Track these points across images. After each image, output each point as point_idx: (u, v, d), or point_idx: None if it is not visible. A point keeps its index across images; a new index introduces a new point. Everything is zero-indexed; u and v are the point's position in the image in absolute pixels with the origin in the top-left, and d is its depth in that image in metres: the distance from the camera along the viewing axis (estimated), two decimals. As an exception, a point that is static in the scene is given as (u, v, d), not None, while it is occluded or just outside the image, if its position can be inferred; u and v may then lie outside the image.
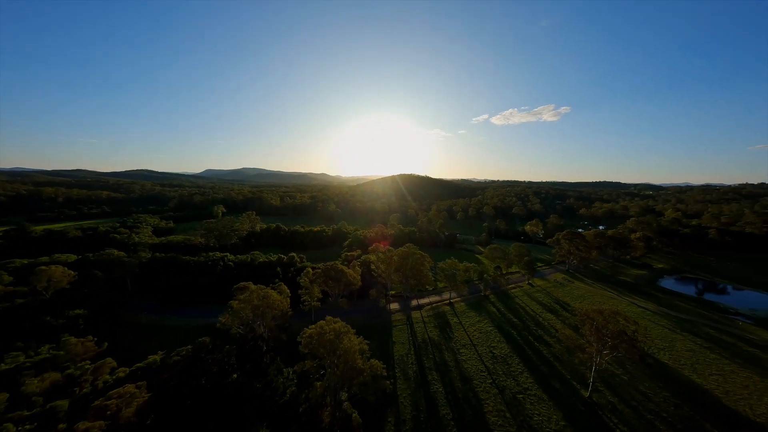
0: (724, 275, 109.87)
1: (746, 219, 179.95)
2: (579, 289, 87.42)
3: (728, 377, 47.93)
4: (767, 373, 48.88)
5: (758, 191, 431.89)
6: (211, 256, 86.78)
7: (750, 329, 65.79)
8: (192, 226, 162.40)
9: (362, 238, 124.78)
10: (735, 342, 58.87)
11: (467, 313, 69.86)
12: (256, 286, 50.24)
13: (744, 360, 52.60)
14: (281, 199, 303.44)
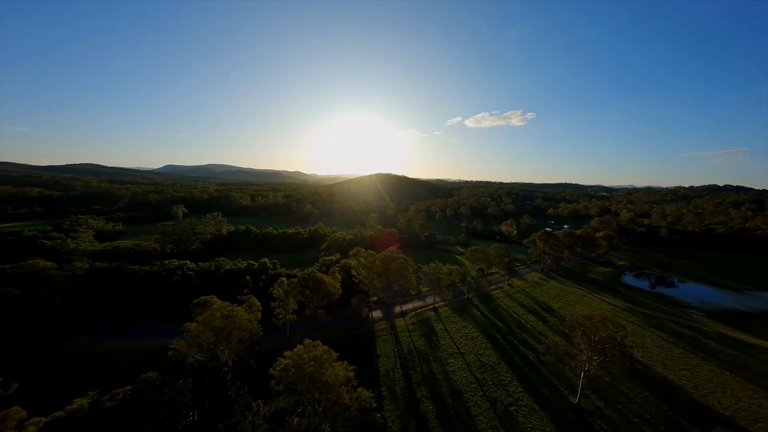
0: (674, 270, 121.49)
1: (686, 218, 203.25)
2: (555, 288, 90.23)
3: (694, 371, 50.73)
4: (724, 365, 52.65)
5: (690, 193, 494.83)
6: (167, 265, 75.72)
7: (703, 321, 71.82)
8: (146, 230, 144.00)
9: (341, 240, 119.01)
10: (695, 335, 63.37)
11: (452, 318, 67.96)
12: (221, 303, 43.08)
13: (704, 353, 56.42)
14: (252, 199, 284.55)
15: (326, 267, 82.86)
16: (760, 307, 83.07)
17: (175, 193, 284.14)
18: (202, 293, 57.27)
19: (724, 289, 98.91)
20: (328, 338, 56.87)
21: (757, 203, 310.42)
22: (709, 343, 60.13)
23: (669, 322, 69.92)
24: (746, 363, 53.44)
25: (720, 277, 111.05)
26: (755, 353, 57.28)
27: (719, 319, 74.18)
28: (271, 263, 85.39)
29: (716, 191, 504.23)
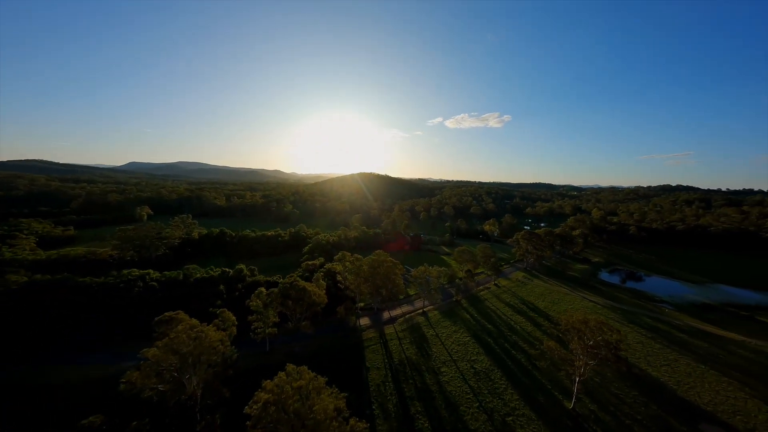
0: (642, 265, 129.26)
1: (650, 216, 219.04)
2: (539, 287, 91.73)
3: (674, 366, 52.47)
4: (699, 358, 55.11)
5: (649, 192, 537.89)
6: (125, 275, 67.01)
7: (674, 315, 75.82)
8: (103, 234, 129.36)
9: (325, 242, 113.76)
10: (669, 330, 66.35)
11: (442, 322, 66.08)
12: (188, 321, 37.46)
13: (680, 347, 58.91)
14: (227, 199, 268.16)
15: (309, 272, 77.91)
16: (719, 299, 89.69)
17: (139, 193, 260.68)
18: (167, 307, 50.67)
19: (687, 282, 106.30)
20: (312, 351, 52.74)
21: (705, 201, 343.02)
22: (683, 337, 63.10)
23: (645, 317, 72.95)
24: (717, 355, 56.35)
25: (682, 271, 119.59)
26: (723, 345, 60.80)
27: (687, 312, 78.88)
28: (248, 270, 78.86)
29: (670, 190, 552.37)
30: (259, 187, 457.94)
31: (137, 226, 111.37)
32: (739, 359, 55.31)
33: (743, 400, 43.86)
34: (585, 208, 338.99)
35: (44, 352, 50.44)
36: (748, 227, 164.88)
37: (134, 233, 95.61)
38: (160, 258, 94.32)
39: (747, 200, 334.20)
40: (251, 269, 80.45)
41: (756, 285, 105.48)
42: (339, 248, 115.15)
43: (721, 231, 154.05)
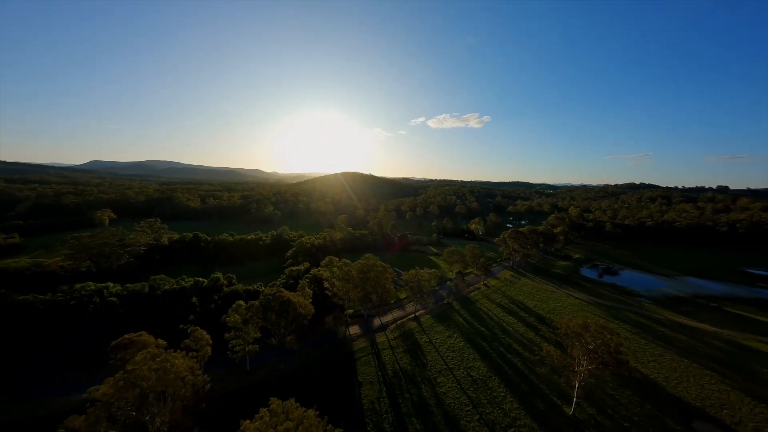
0: (618, 260, 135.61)
1: (621, 213, 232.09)
2: (526, 286, 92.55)
3: (660, 361, 53.72)
4: (681, 352, 57.00)
5: (616, 190, 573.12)
6: (78, 290, 58.56)
7: (653, 309, 79.01)
8: (54, 242, 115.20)
9: (309, 245, 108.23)
10: (650, 324, 68.60)
11: (435, 327, 63.93)
12: (149, 348, 32.01)
13: (663, 341, 60.77)
14: (202, 200, 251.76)
15: (294, 279, 72.85)
16: (689, 291, 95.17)
17: (101, 195, 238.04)
18: (129, 326, 44.47)
19: (659, 276, 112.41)
20: (299, 367, 48.41)
21: (666, 198, 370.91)
22: (664, 331, 65.36)
23: (627, 312, 75.27)
24: (696, 348, 58.60)
25: (653, 265, 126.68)
26: (699, 337, 63.61)
27: (664, 305, 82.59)
28: (225, 278, 72.40)
29: (635, 188, 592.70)
30: (238, 188, 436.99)
31: (95, 232, 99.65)
32: (715, 351, 57.83)
33: (726, 393, 45.29)
34: (561, 206, 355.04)
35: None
36: (706, 222, 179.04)
37: (91, 240, 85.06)
38: (122, 268, 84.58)
39: (700, 197, 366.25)
40: (229, 277, 73.98)
41: (718, 276, 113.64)
42: (325, 251, 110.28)
43: (684, 226, 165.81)
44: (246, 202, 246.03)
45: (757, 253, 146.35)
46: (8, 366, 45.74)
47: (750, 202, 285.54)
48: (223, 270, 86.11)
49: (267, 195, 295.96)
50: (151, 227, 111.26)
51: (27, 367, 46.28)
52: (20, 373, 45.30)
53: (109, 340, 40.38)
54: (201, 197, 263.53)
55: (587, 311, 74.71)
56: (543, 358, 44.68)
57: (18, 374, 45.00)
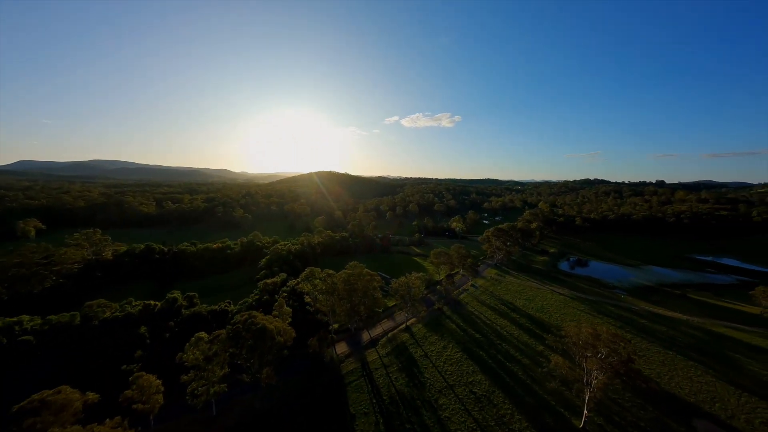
0: (588, 252, 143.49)
1: (586, 207, 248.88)
2: (512, 284, 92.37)
3: (648, 356, 54.45)
4: (664, 344, 58.72)
5: (576, 186, 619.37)
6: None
7: (629, 300, 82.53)
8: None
9: (285, 252, 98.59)
10: (631, 317, 70.85)
11: (429, 337, 59.69)
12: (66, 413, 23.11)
13: (646, 334, 62.44)
14: (159, 204, 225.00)
15: (269, 294, 64.19)
16: (654, 280, 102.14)
17: (27, 201, 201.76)
18: (51, 373, 33.94)
19: (626, 266, 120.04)
20: (278, 404, 40.98)
21: (618, 192, 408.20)
22: (644, 323, 67.64)
23: (608, 305, 77.48)
24: (675, 338, 60.89)
25: (618, 255, 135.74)
26: (674, 326, 66.69)
27: (636, 295, 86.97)
28: (184, 298, 61.66)
29: (591, 183, 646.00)
30: (202, 189, 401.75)
31: (16, 247, 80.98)
32: (691, 339, 60.57)
33: (713, 385, 46.47)
34: (530, 201, 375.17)
35: None
36: (656, 214, 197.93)
37: (5, 260, 68.06)
38: (49, 293, 68.90)
39: (645, 191, 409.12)
40: (189, 296, 63.16)
41: (672, 264, 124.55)
42: (303, 258, 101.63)
43: (640, 218, 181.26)
44: (211, 206, 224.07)
45: (698, 240, 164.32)
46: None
47: (685, 194, 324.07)
48: (184, 287, 74.54)
49: (235, 197, 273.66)
50: (89, 239, 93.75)
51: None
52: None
53: (17, 397, 30.10)
54: (157, 201, 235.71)
55: (573, 307, 75.63)
56: (551, 370, 42.09)
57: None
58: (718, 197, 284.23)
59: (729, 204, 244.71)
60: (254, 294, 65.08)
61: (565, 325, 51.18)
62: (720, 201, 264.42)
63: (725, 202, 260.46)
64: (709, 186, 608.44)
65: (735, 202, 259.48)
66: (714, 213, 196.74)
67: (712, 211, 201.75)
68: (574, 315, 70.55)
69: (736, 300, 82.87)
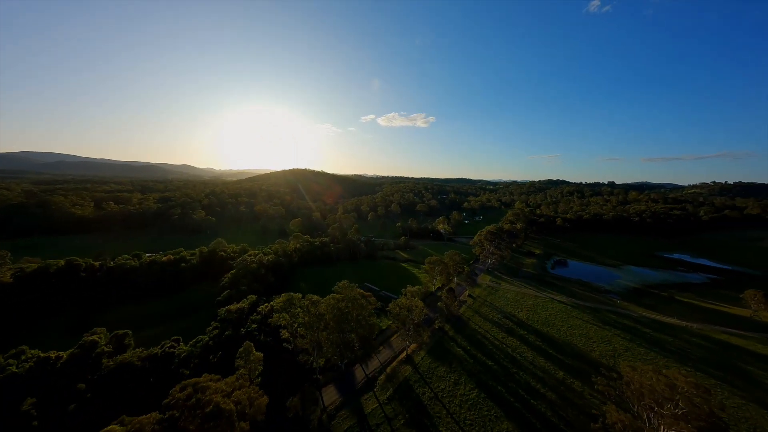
0: (569, 252, 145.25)
1: (561, 207, 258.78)
2: (509, 292, 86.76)
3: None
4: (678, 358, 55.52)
5: (542, 186, 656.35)
6: None
7: (625, 306, 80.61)
8: None
9: (256, 265, 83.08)
10: (636, 326, 67.80)
11: (436, 370, 50.24)
12: None
13: (658, 347, 58.87)
14: (98, 205, 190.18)
15: (233, 326, 50.12)
16: (638, 281, 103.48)
17: None
18: None
19: (608, 267, 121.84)
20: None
21: (580, 192, 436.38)
22: (650, 333, 64.74)
23: (610, 314, 74.39)
24: (685, 350, 58.07)
25: (598, 255, 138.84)
26: (676, 334, 64.61)
27: (628, 299, 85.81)
28: (112, 338, 45.42)
29: (554, 184, 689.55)
30: (157, 187, 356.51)
31: None
32: (700, 350, 58.21)
33: (745, 408, 42.83)
34: (505, 201, 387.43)
35: None
36: (623, 213, 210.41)
37: None
38: None
39: (603, 191, 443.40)
40: (119, 335, 46.83)
41: (646, 262, 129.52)
42: (277, 270, 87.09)
43: (611, 218, 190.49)
44: (165, 207, 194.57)
45: (661, 238, 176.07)
46: None
47: (637, 194, 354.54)
48: (120, 316, 57.42)
49: (197, 196, 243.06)
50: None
51: None
52: None
53: None
54: (97, 201, 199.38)
55: (576, 317, 71.31)
56: (607, 428, 34.29)
57: None
58: (665, 197, 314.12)
59: (676, 204, 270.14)
60: (212, 326, 50.42)
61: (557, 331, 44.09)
62: (668, 201, 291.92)
63: (672, 202, 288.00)
64: (649, 187, 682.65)
65: (679, 202, 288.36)
66: (669, 212, 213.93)
67: (667, 210, 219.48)
68: (581, 327, 65.95)
69: (720, 301, 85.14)
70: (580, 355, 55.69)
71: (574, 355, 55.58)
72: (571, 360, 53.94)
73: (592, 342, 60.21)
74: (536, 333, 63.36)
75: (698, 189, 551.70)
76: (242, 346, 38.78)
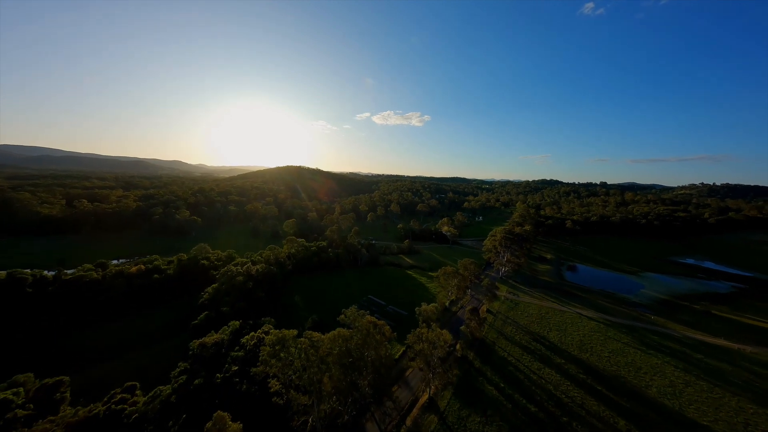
0: (580, 256, 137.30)
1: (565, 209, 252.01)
2: (531, 307, 77.25)
3: (747, 417, 41.64)
4: (730, 386, 47.44)
5: (537, 185, 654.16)
6: None
7: (661, 322, 72.25)
8: None
9: (243, 278, 70.87)
10: (682, 350, 59.07)
11: (468, 420, 39.83)
12: None
13: (718, 379, 50.20)
14: (69, 203, 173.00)
15: (207, 368, 38.57)
16: (664, 291, 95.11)
17: None
18: None
19: (627, 274, 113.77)
20: None
21: (576, 192, 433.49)
22: (702, 359, 56.08)
23: (649, 334, 65.53)
24: (752, 383, 49.52)
25: (612, 260, 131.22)
26: (733, 360, 56.05)
27: (661, 314, 77.38)
28: (35, 395, 33.34)
29: (548, 183, 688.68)
30: (143, 184, 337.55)
31: None
32: (763, 381, 49.90)
33: None
34: (503, 200, 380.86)
35: None
36: (628, 216, 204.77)
37: None
38: None
39: (599, 191, 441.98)
40: (48, 387, 34.69)
41: (661, 268, 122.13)
42: (268, 282, 75.49)
43: (618, 221, 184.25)
44: (147, 205, 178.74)
45: (671, 242, 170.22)
46: None
47: (633, 195, 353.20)
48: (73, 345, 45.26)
49: (182, 194, 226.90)
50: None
51: None
52: None
53: None
54: (69, 198, 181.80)
55: (614, 339, 62.24)
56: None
57: None
58: (661, 199, 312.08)
59: (674, 206, 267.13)
60: (180, 369, 38.68)
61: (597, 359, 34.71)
62: (665, 202, 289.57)
63: (670, 204, 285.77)
64: (639, 188, 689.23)
65: (676, 204, 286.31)
66: (673, 214, 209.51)
67: (670, 212, 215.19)
68: (624, 353, 56.83)
69: (759, 315, 77.59)
70: (635, 393, 46.38)
71: (627, 393, 46.22)
72: (627, 401, 44.53)
73: (642, 374, 51.06)
74: (575, 362, 53.86)
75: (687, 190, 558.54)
76: (215, 406, 27.62)
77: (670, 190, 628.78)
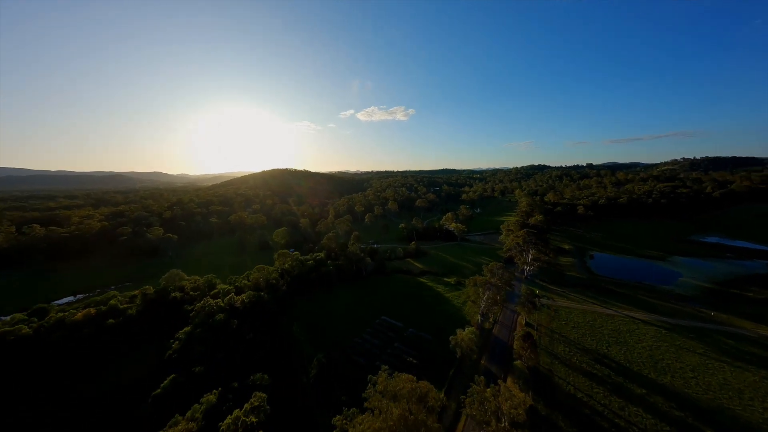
0: (595, 243, 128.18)
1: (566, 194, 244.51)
2: (574, 314, 65.97)
3: None
4: None
5: (528, 171, 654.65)
6: None
7: (724, 319, 62.23)
8: None
9: (223, 315, 56.01)
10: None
11: None
12: None
13: (839, 396, 40.19)
14: (19, 229, 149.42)
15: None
16: (703, 278, 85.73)
17: None
18: None
19: (654, 260, 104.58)
20: None
21: (569, 176, 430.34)
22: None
23: (719, 336, 55.46)
24: None
25: (632, 245, 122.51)
26: (834, 365, 46.55)
27: (716, 307, 67.67)
28: None
29: (539, 169, 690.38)
30: (116, 199, 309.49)
31: None
32: None
33: None
34: (499, 189, 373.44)
35: None
36: (632, 196, 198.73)
37: None
38: None
39: (590, 173, 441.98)
40: None
41: (687, 250, 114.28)
42: (258, 314, 60.98)
43: (626, 202, 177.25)
44: (113, 225, 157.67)
45: (681, 220, 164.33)
46: None
47: (624, 175, 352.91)
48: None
49: (158, 208, 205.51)
50: None
51: None
52: None
53: None
54: (20, 224, 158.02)
55: (686, 349, 51.64)
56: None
57: None
58: (653, 176, 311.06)
59: (669, 182, 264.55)
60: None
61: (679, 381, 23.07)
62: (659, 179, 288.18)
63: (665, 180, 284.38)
64: (621, 167, 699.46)
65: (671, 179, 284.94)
66: (675, 191, 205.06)
67: (672, 189, 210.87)
68: (710, 370, 46.10)
69: (824, 300, 69.18)
70: None
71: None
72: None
73: (748, 399, 40.27)
74: (659, 390, 42.52)
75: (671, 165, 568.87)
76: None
77: (653, 167, 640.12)
